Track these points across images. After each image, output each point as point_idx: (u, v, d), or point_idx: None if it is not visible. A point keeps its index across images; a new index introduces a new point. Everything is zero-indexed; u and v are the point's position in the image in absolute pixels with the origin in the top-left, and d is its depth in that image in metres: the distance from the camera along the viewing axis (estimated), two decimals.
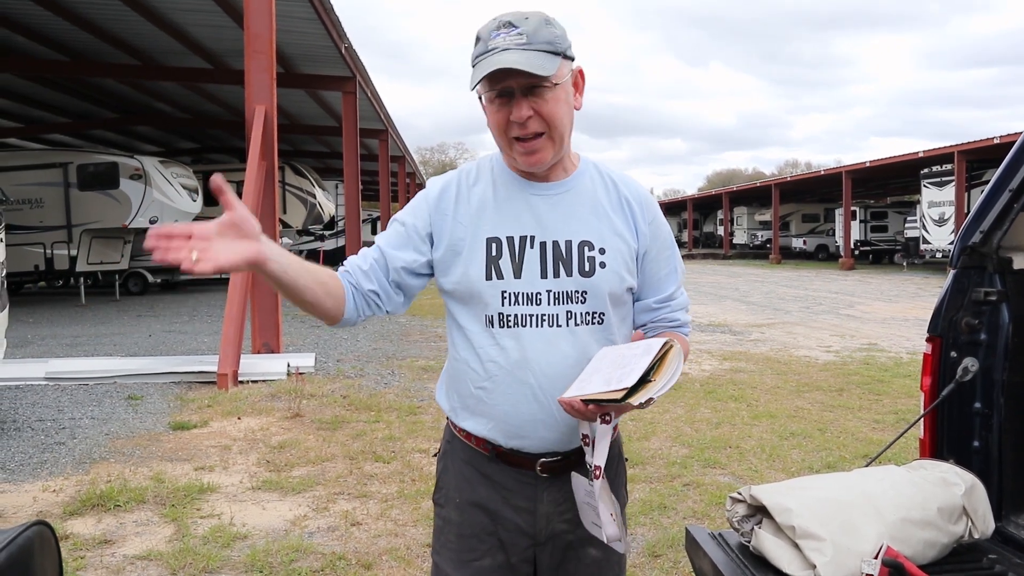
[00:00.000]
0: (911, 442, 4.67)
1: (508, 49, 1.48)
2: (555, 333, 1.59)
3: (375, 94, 18.38)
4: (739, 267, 33.25)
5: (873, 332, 11.61)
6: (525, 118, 1.51)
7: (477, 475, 1.67)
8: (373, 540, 3.89)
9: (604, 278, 1.61)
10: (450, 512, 1.70)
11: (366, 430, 5.95)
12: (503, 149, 1.61)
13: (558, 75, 1.52)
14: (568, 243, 1.61)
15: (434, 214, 1.64)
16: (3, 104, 18.75)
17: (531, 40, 1.49)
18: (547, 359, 1.58)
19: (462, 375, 1.65)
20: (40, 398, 7.24)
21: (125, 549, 3.79)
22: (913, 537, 1.73)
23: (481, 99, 1.60)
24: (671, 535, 3.85)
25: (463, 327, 1.64)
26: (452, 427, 1.72)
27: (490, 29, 1.52)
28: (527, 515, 1.65)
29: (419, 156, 63.61)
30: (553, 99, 1.53)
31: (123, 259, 19.11)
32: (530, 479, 1.64)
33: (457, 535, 1.68)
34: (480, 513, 1.66)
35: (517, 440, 1.62)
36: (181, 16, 12.74)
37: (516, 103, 1.51)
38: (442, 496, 1.74)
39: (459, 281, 1.61)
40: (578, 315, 1.60)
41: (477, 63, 1.52)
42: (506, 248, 1.59)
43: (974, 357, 2.18)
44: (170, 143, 26.08)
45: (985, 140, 21.39)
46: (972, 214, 2.22)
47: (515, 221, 1.61)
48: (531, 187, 1.64)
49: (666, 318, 1.74)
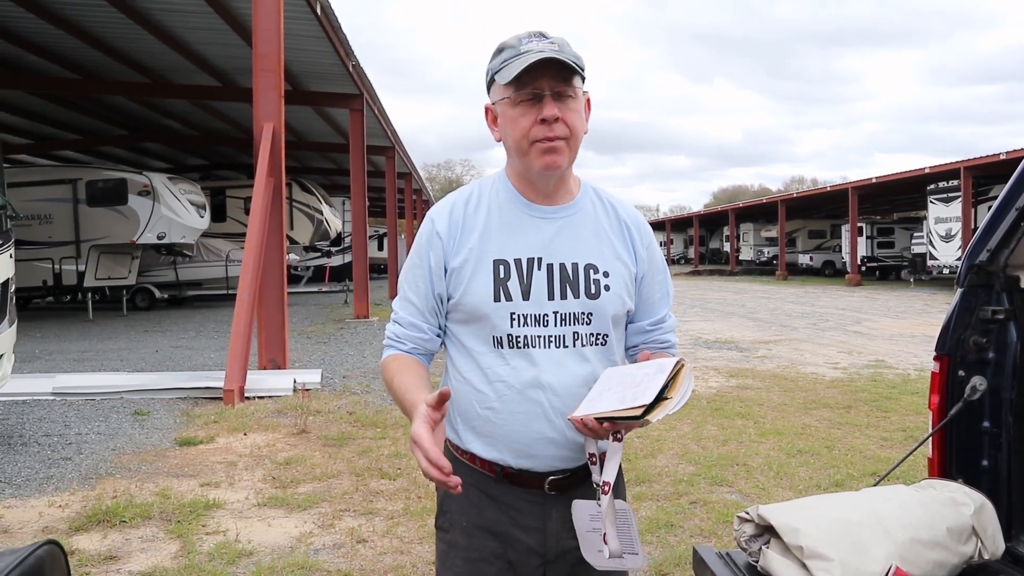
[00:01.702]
0: (919, 461, 4.64)
1: (544, 52, 1.52)
2: (563, 353, 1.61)
3: (382, 111, 18.48)
4: (745, 283, 33.22)
5: (880, 349, 11.57)
6: (555, 117, 1.55)
7: (484, 498, 1.66)
8: (379, 557, 3.87)
9: (609, 300, 1.64)
10: (456, 536, 1.68)
11: (372, 447, 5.95)
12: (520, 154, 1.61)
13: (581, 86, 1.60)
14: (575, 265, 1.63)
15: (447, 242, 1.65)
16: (14, 121, 18.92)
17: (562, 49, 1.55)
18: (558, 379, 1.60)
19: (466, 397, 1.65)
20: (47, 413, 7.25)
21: (130, 565, 3.79)
22: (922, 558, 1.72)
23: (489, 113, 1.65)
24: (678, 553, 3.83)
25: (468, 349, 1.65)
26: (453, 451, 1.71)
27: (519, 37, 1.57)
28: (537, 534, 1.65)
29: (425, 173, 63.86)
30: (575, 110, 1.58)
31: (131, 275, 19.20)
32: (538, 498, 1.64)
33: (464, 559, 1.66)
34: (488, 536, 1.65)
35: (527, 460, 1.62)
36: (190, 34, 12.87)
37: (546, 103, 1.54)
38: (446, 521, 1.72)
39: (465, 303, 1.62)
40: (584, 336, 1.63)
41: (507, 64, 1.55)
42: (514, 270, 1.61)
43: (982, 376, 2.18)
44: (179, 160, 26.24)
45: (991, 156, 21.40)
46: (979, 232, 2.22)
47: (522, 244, 1.63)
48: (536, 210, 1.66)
49: (657, 340, 1.78)
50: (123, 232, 17.91)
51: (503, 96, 1.58)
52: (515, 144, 1.60)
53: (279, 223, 9.35)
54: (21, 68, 14.70)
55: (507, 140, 1.62)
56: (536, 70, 1.52)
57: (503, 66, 1.56)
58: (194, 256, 21.12)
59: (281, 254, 9.36)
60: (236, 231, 22.30)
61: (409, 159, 27.12)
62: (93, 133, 21.19)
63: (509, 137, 1.61)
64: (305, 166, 27.16)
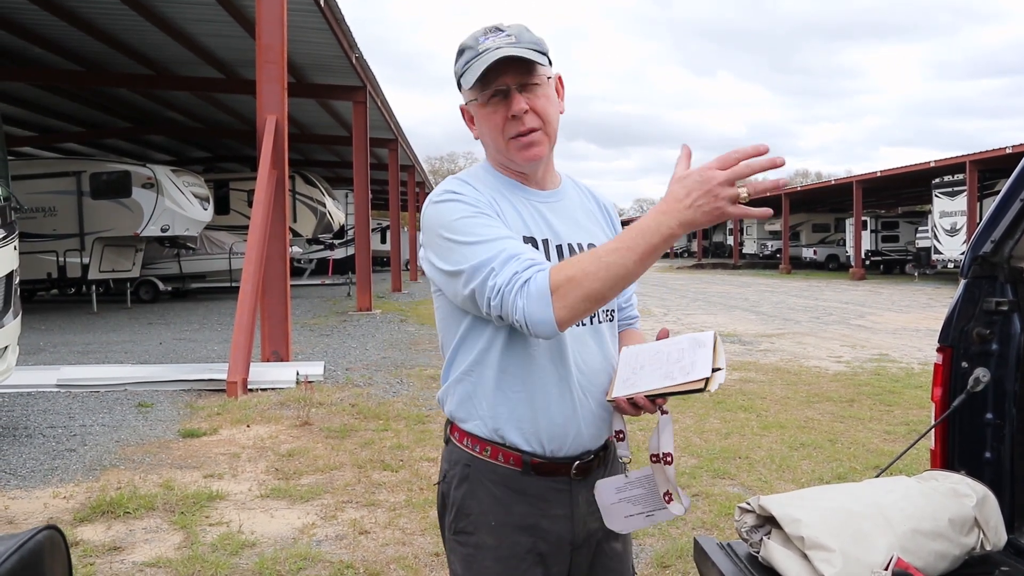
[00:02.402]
0: (922, 453, 4.64)
1: (500, 48, 1.53)
2: (583, 331, 1.63)
3: (385, 104, 18.46)
4: (749, 277, 33.17)
5: (884, 343, 11.55)
6: (523, 111, 1.56)
7: (510, 493, 1.62)
8: (381, 548, 3.88)
9: None
10: (483, 537, 1.63)
11: (375, 439, 5.96)
12: (499, 152, 1.63)
13: (547, 70, 1.60)
14: (579, 245, 1.66)
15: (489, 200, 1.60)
16: (19, 113, 18.93)
17: (519, 40, 1.56)
18: (582, 357, 1.62)
19: (495, 383, 1.59)
20: (51, 405, 7.28)
21: (134, 556, 3.80)
22: (924, 548, 1.72)
23: (465, 114, 1.67)
24: (679, 545, 3.83)
25: (496, 332, 1.58)
26: (470, 450, 1.64)
27: (476, 36, 1.58)
28: (566, 521, 1.64)
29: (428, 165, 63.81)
30: (544, 96, 1.59)
31: (135, 267, 19.24)
32: (564, 485, 1.63)
33: (495, 559, 1.62)
34: (518, 532, 1.62)
35: (558, 442, 1.60)
36: (194, 27, 12.85)
37: (513, 98, 1.55)
38: (469, 523, 1.64)
39: None
40: (600, 312, 1.67)
41: (469, 66, 1.56)
42: (541, 250, 1.61)
43: (985, 367, 2.17)
44: (182, 152, 26.25)
45: (997, 150, 21.31)
46: (983, 224, 2.21)
47: (531, 226, 1.63)
48: (535, 195, 1.67)
49: (628, 316, 1.86)
50: (127, 225, 17.94)
51: (472, 98, 1.60)
52: (493, 142, 1.62)
53: (282, 216, 9.35)
54: (26, 60, 14.70)
55: (485, 138, 1.64)
56: (497, 68, 1.53)
57: (465, 69, 1.57)
58: (198, 249, 21.16)
59: (284, 247, 9.37)
60: (239, 224, 22.32)
61: (412, 152, 27.10)
62: (97, 125, 21.19)
63: (487, 135, 1.63)
64: (308, 159, 27.17)
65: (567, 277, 1.38)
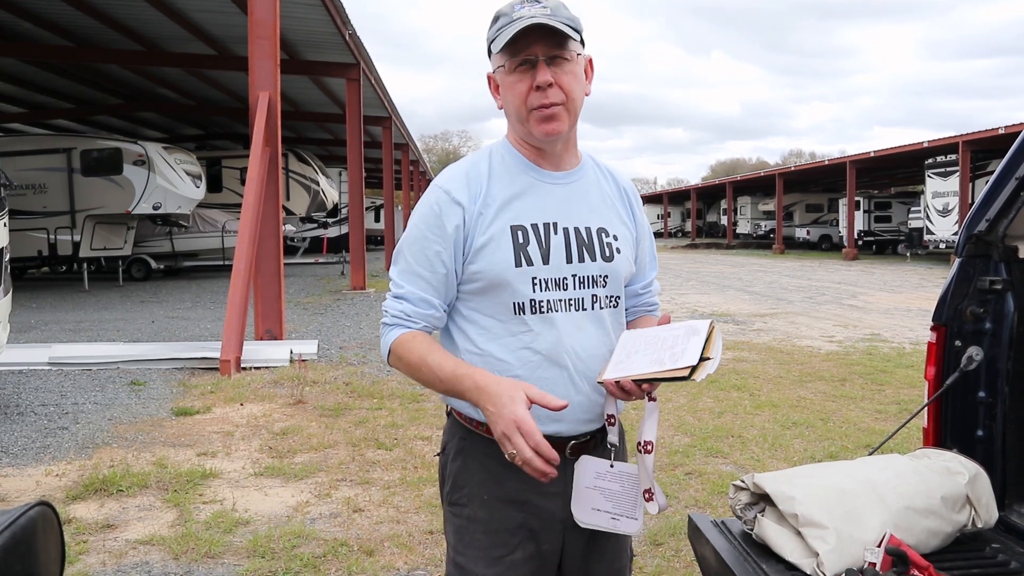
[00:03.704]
0: (914, 432, 4.67)
1: (535, 17, 1.52)
2: (582, 316, 1.63)
3: (379, 81, 18.32)
4: (742, 257, 33.21)
5: (876, 322, 11.60)
6: (548, 83, 1.54)
7: (503, 468, 1.60)
8: (375, 526, 3.90)
9: (621, 263, 1.70)
10: (475, 510, 1.66)
11: (368, 417, 5.96)
12: (520, 121, 1.61)
13: (578, 48, 1.59)
14: (588, 229, 1.66)
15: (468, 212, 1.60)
16: (7, 89, 18.73)
17: (555, 13, 1.54)
18: (580, 342, 1.62)
19: (487, 367, 1.60)
20: (43, 383, 7.26)
21: (127, 534, 3.81)
22: (917, 526, 1.73)
23: (491, 82, 1.65)
24: (673, 523, 3.85)
25: (485, 318, 1.61)
26: (466, 423, 1.67)
27: (512, 4, 1.56)
28: (558, 499, 1.64)
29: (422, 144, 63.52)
30: (572, 72, 1.58)
31: (126, 245, 19.15)
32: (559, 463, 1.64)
33: (485, 532, 1.64)
34: (510, 507, 1.64)
35: (554, 424, 1.60)
36: (185, 2, 12.69)
37: (540, 68, 1.54)
38: (463, 496, 1.68)
39: (486, 272, 1.59)
40: (602, 299, 1.67)
41: (501, 32, 1.55)
42: (532, 235, 1.60)
43: (979, 346, 2.17)
44: (174, 129, 26.05)
45: (990, 130, 21.30)
46: (978, 202, 2.21)
47: (536, 209, 1.63)
48: (547, 176, 1.66)
49: (647, 302, 1.87)
50: (118, 202, 17.82)
51: (500, 64, 1.59)
52: (515, 111, 1.60)
53: (275, 194, 9.29)
54: (14, 35, 14.51)
55: (507, 107, 1.63)
56: (528, 36, 1.52)
57: (497, 34, 1.56)
58: (190, 227, 21.06)
59: (277, 225, 9.32)
60: (232, 201, 22.23)
61: (406, 130, 26.94)
62: (87, 102, 20.99)
63: (509, 104, 1.61)
64: (301, 136, 26.98)
65: (398, 355, 1.60)
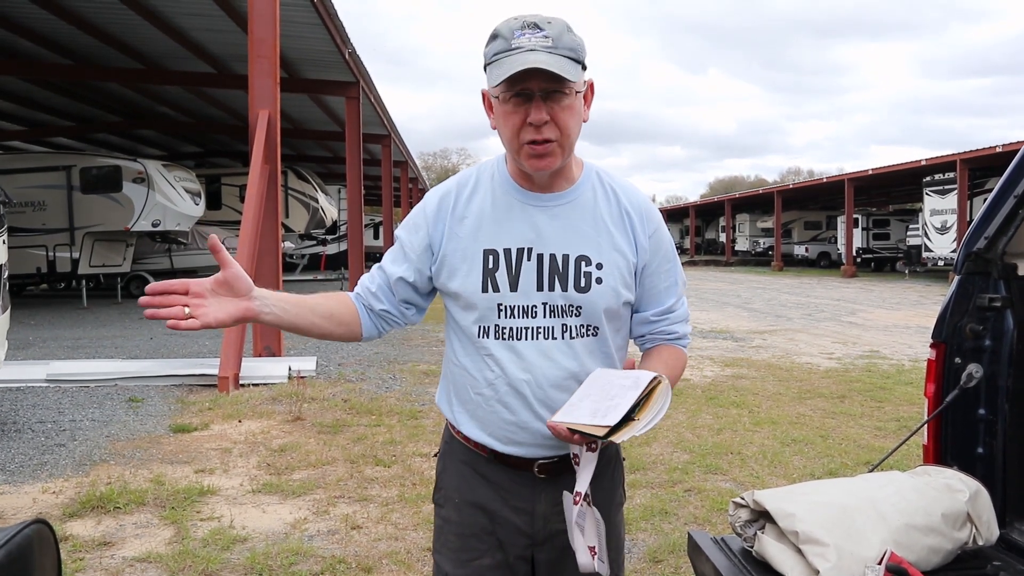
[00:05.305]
0: (914, 449, 4.65)
1: (535, 50, 1.44)
2: (551, 345, 1.59)
3: (378, 99, 18.41)
4: (741, 274, 33.23)
5: (875, 339, 11.59)
6: (543, 121, 1.48)
7: (476, 476, 1.68)
8: (373, 544, 3.87)
9: (600, 294, 1.60)
10: (449, 512, 1.71)
11: (367, 434, 5.94)
12: (511, 151, 1.58)
13: (578, 84, 1.51)
14: (565, 257, 1.59)
15: (432, 228, 1.65)
16: (7, 107, 18.79)
17: (556, 44, 1.46)
18: (543, 372, 1.58)
19: (460, 379, 1.67)
20: (41, 400, 7.23)
21: (124, 551, 3.78)
22: (917, 543, 1.72)
23: (486, 99, 1.59)
24: (672, 540, 3.83)
25: (463, 332, 1.65)
26: (451, 428, 1.74)
27: (512, 28, 1.48)
28: (525, 516, 1.65)
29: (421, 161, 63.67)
30: (569, 107, 1.51)
31: (125, 262, 19.12)
32: (528, 480, 1.65)
33: (456, 534, 1.69)
34: (479, 513, 1.67)
35: (513, 447, 1.63)
36: (185, 20, 12.77)
37: (535, 105, 1.48)
38: (441, 496, 1.75)
39: (458, 291, 1.62)
40: (573, 328, 1.60)
41: (497, 60, 1.48)
42: (503, 260, 1.59)
43: (978, 363, 2.17)
44: (173, 147, 26.11)
45: (987, 149, 21.40)
46: (977, 220, 2.21)
47: (514, 233, 1.60)
48: (532, 198, 1.62)
49: (664, 331, 1.73)
50: (117, 219, 17.81)
51: (495, 92, 1.52)
52: (507, 142, 1.56)
53: (274, 211, 9.30)
54: (14, 54, 14.59)
55: (500, 135, 1.58)
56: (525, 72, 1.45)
57: (494, 60, 1.49)
58: (189, 244, 21.05)
59: (276, 242, 9.33)
60: (231, 219, 22.21)
61: (405, 147, 27.04)
62: (87, 120, 21.06)
63: (502, 133, 1.56)
64: (301, 154, 27.07)
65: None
